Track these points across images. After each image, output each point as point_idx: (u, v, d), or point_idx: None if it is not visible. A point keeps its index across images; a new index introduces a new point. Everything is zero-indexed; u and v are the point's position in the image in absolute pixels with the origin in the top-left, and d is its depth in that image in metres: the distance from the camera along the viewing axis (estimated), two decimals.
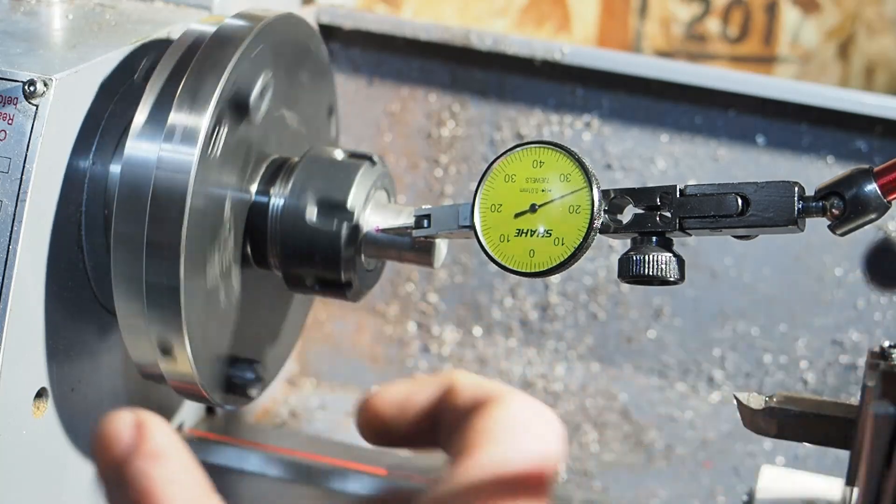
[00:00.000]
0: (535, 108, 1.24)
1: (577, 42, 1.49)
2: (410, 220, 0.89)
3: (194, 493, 0.53)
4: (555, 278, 1.27)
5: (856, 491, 0.68)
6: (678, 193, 0.78)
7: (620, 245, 1.22)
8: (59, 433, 0.89)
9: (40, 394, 0.86)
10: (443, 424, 0.58)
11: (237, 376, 0.93)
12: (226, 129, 0.86)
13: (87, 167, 0.87)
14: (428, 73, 1.25)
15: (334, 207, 0.91)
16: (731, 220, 0.77)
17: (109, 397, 0.95)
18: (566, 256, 0.78)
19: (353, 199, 0.91)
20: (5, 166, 0.81)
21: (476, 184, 0.82)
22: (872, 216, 0.76)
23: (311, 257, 0.91)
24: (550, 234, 0.79)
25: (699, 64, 1.44)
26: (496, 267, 0.81)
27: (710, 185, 0.78)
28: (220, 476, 1.06)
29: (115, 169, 0.89)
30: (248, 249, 0.93)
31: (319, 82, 1.01)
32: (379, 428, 0.63)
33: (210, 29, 0.89)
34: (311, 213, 0.91)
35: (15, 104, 0.82)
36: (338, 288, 0.93)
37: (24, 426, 0.85)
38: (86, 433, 0.92)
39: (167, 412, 1.06)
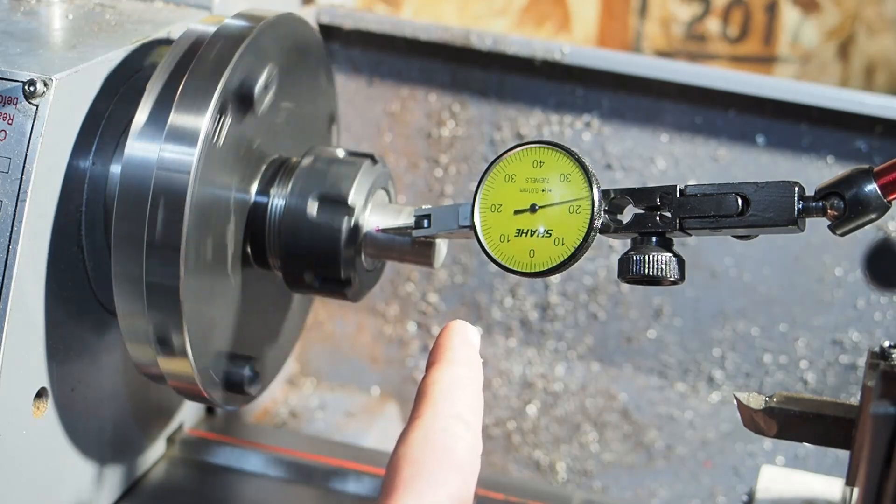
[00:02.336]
0: (535, 108, 1.24)
1: (577, 42, 1.49)
2: (410, 220, 0.89)
3: (451, 397, 0.67)
4: (555, 278, 1.27)
5: (856, 491, 0.68)
6: (678, 193, 0.78)
7: (620, 245, 1.23)
8: (59, 433, 0.89)
9: (40, 394, 0.86)
10: None
11: (236, 373, 0.93)
12: (229, 123, 0.86)
13: (87, 167, 0.87)
14: (428, 73, 1.26)
15: (335, 203, 0.91)
16: (731, 220, 0.77)
17: (109, 397, 0.95)
18: (566, 256, 0.78)
19: (355, 196, 0.91)
20: (5, 166, 0.81)
21: (476, 184, 0.82)
22: (872, 216, 0.76)
23: (311, 255, 0.91)
24: (550, 234, 0.79)
25: (699, 64, 1.44)
26: (496, 267, 0.81)
27: (710, 185, 0.78)
28: (220, 476, 1.07)
29: (115, 169, 0.89)
30: (248, 249, 0.93)
31: (321, 86, 1.01)
32: None
33: (210, 29, 0.89)
34: (312, 209, 0.91)
35: (15, 104, 0.82)
36: (338, 287, 0.93)
37: (24, 426, 0.85)
38: (86, 433, 0.92)
39: (167, 412, 1.06)
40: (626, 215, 0.80)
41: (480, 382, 0.71)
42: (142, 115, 0.85)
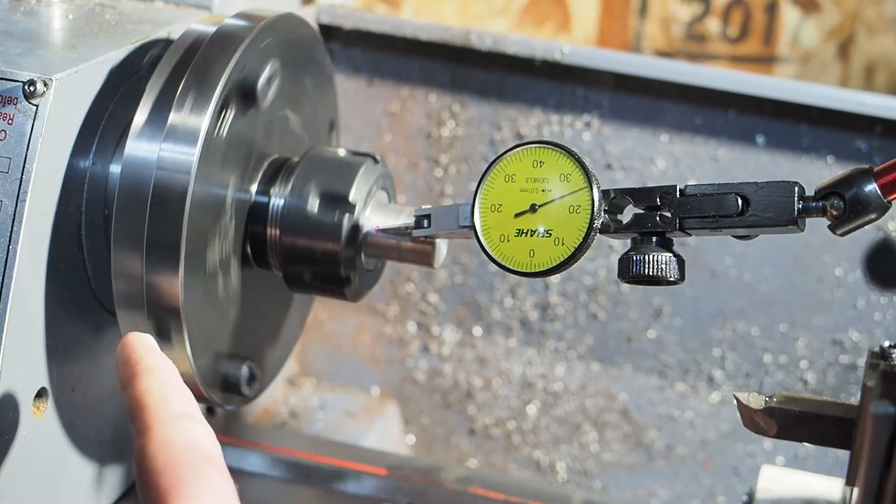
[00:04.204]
0: (535, 108, 1.24)
1: (577, 42, 1.49)
2: (410, 220, 0.89)
3: (168, 399, 0.66)
4: (555, 278, 1.27)
5: (856, 491, 0.68)
6: (678, 193, 0.78)
7: (620, 245, 1.23)
8: (59, 433, 0.89)
9: (40, 394, 0.86)
10: None
11: (233, 374, 0.93)
12: (230, 120, 0.86)
13: (87, 167, 0.87)
14: (428, 73, 1.26)
15: (336, 200, 0.91)
16: (731, 220, 0.77)
17: (109, 397, 0.95)
18: (566, 256, 0.78)
19: (356, 194, 0.91)
20: (5, 166, 0.81)
21: (476, 184, 0.82)
22: (872, 216, 0.76)
23: (311, 252, 0.91)
24: (550, 234, 0.79)
25: (699, 64, 1.43)
26: (496, 267, 0.81)
27: (710, 185, 0.78)
28: None
29: (115, 169, 0.89)
30: (248, 249, 0.93)
31: (322, 87, 1.01)
32: None
33: (210, 29, 0.89)
34: (313, 206, 0.91)
35: (15, 104, 0.82)
36: (337, 285, 0.93)
37: (24, 426, 0.85)
38: (86, 433, 0.92)
39: None
40: (626, 215, 0.80)
41: (179, 377, 0.71)
42: (142, 115, 0.85)
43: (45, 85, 0.82)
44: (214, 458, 0.64)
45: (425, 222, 0.87)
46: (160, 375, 0.69)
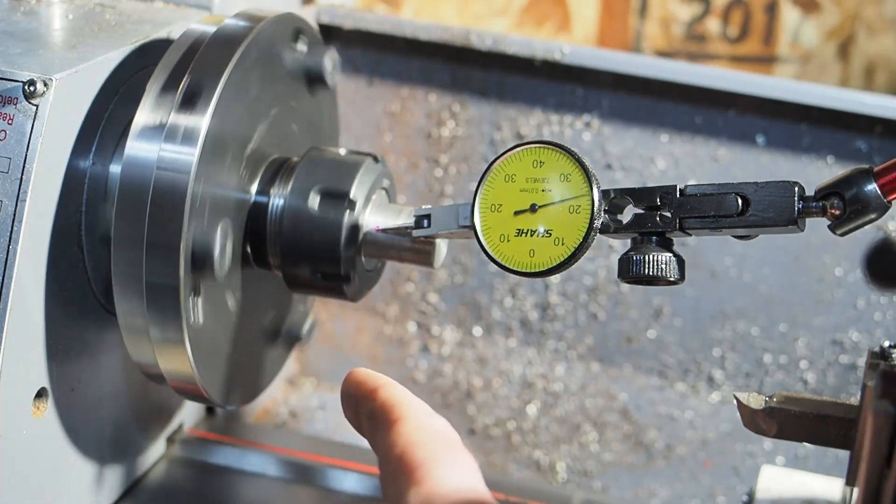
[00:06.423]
0: (535, 108, 1.24)
1: (577, 42, 1.49)
2: (410, 220, 0.89)
3: (414, 399, 0.69)
4: (555, 278, 1.27)
5: (856, 491, 0.68)
6: (678, 193, 0.78)
7: (620, 245, 1.23)
8: (59, 433, 0.89)
9: (40, 394, 0.86)
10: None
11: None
12: (231, 119, 0.86)
13: (87, 167, 0.88)
14: (428, 73, 1.26)
15: (336, 199, 0.91)
16: (731, 220, 0.77)
17: (109, 397, 0.95)
18: (566, 256, 0.78)
19: (356, 193, 0.91)
20: (5, 166, 0.81)
21: (476, 184, 0.82)
22: (872, 216, 0.76)
23: (311, 250, 0.91)
24: (550, 234, 0.79)
25: (699, 64, 1.43)
26: (496, 267, 0.81)
27: (710, 185, 0.78)
28: (220, 476, 1.07)
29: (115, 169, 0.89)
30: (248, 249, 0.93)
31: (322, 88, 1.01)
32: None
33: (210, 29, 0.89)
34: (313, 205, 0.91)
35: (15, 104, 0.82)
36: (337, 284, 0.92)
37: (24, 426, 0.85)
38: (86, 433, 0.92)
39: (167, 412, 1.06)
40: (626, 215, 0.80)
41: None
42: (142, 115, 0.85)
43: (45, 85, 0.82)
44: (460, 443, 0.67)
45: (425, 222, 0.87)
46: (399, 387, 0.72)
